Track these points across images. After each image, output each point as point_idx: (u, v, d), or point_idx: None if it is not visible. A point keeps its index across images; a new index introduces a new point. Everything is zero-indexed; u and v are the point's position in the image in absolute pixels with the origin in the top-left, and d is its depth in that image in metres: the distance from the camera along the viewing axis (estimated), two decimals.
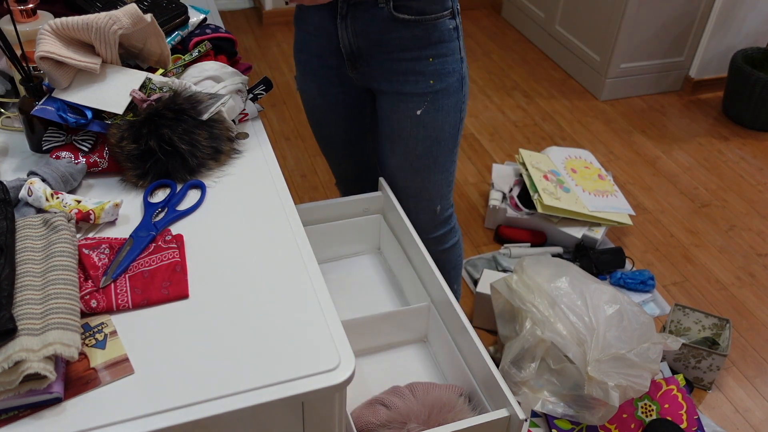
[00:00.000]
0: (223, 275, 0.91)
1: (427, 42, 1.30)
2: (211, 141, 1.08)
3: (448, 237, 1.62)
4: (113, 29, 1.05)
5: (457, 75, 1.36)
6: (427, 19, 1.28)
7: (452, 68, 1.35)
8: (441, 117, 1.39)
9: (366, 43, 1.32)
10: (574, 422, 1.63)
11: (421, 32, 1.29)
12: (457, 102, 1.40)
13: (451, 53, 1.34)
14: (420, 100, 1.36)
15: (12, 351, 0.72)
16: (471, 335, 1.25)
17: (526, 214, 2.28)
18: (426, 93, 1.35)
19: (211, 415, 0.75)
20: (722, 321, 1.96)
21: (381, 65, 1.35)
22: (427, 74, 1.33)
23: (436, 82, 1.34)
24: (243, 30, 3.62)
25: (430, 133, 1.41)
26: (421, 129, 1.40)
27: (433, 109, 1.37)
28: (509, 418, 1.14)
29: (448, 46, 1.33)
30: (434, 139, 1.42)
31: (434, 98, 1.36)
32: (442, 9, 1.29)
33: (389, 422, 1.22)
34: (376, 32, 1.30)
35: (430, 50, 1.31)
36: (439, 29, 1.30)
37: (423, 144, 1.42)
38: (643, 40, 3.07)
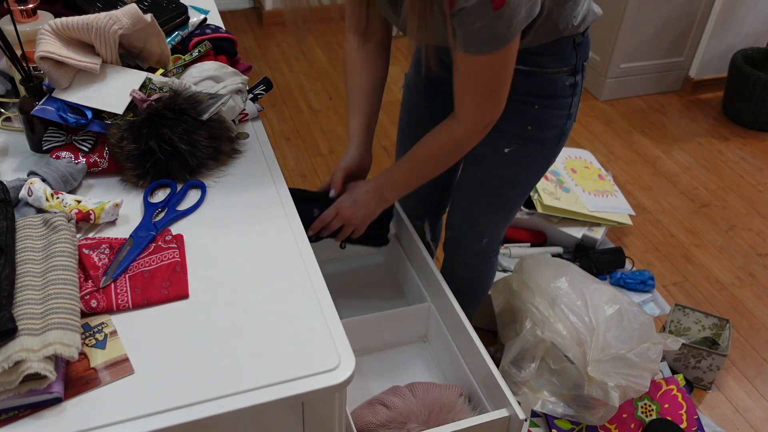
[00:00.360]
0: (223, 275, 0.91)
1: (540, 92, 1.26)
2: (211, 141, 1.08)
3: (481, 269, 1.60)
4: (113, 29, 1.05)
5: (559, 130, 1.31)
6: (543, 72, 1.24)
7: (556, 122, 1.30)
8: (526, 163, 1.35)
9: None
10: (574, 422, 1.63)
11: (536, 83, 1.25)
12: (549, 155, 1.36)
13: (559, 108, 1.28)
14: (512, 140, 1.31)
15: (12, 351, 0.72)
16: (471, 335, 1.26)
17: (526, 214, 2.28)
18: (520, 136, 1.30)
19: (211, 415, 0.75)
20: (722, 321, 1.96)
21: None
22: (528, 119, 1.28)
23: (533, 129, 1.29)
24: (243, 30, 3.62)
25: (510, 175, 1.37)
26: (502, 167, 1.36)
27: (522, 153, 1.33)
28: (509, 418, 1.14)
29: (559, 101, 1.28)
30: (511, 182, 1.39)
31: (527, 144, 1.31)
32: (562, 65, 1.24)
33: (389, 422, 1.22)
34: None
35: (540, 99, 1.26)
36: (554, 84, 1.25)
37: (499, 181, 1.39)
38: (643, 40, 3.07)
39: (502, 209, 1.45)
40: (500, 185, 1.39)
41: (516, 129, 1.30)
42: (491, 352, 1.91)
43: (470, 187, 1.44)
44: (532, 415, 1.67)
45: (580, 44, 1.25)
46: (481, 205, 1.44)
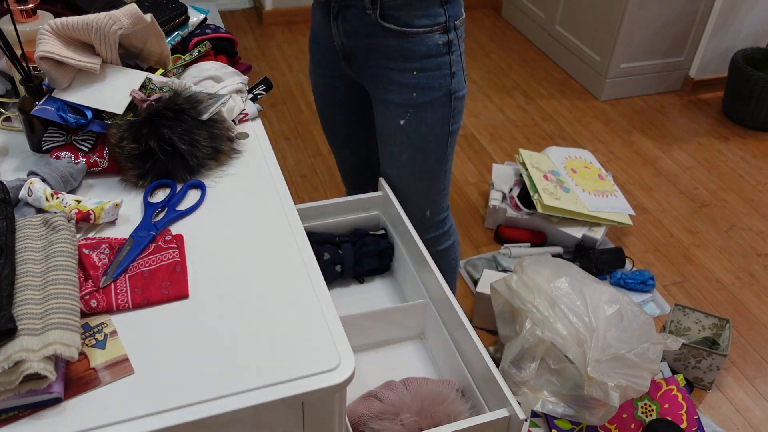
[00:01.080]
0: (223, 275, 0.91)
1: (412, 55, 1.29)
2: (211, 141, 1.08)
3: (440, 240, 1.62)
4: (113, 29, 1.05)
5: (444, 90, 1.34)
6: (413, 32, 1.27)
7: (438, 83, 1.33)
8: (424, 129, 1.38)
9: (355, 44, 1.33)
10: (574, 422, 1.63)
11: (407, 44, 1.28)
12: (444, 116, 1.37)
13: (437, 68, 1.31)
14: (402, 111, 1.35)
15: (12, 351, 0.72)
16: (469, 332, 1.26)
17: (526, 214, 2.28)
18: (408, 105, 1.34)
19: (211, 415, 0.75)
20: (722, 321, 1.96)
21: (370, 69, 1.36)
22: (409, 86, 1.32)
23: (419, 95, 1.33)
24: (243, 30, 3.62)
25: (414, 144, 1.40)
26: (404, 138, 1.40)
27: (416, 120, 1.36)
28: (509, 418, 1.14)
29: (435, 60, 1.30)
30: (418, 150, 1.41)
31: (417, 110, 1.35)
32: (432, 24, 1.27)
33: (382, 414, 1.22)
34: (364, 36, 1.31)
35: (415, 63, 1.30)
36: (425, 44, 1.28)
37: (407, 153, 1.42)
38: (643, 40, 3.07)
39: (425, 178, 1.47)
40: (410, 157, 1.42)
41: (402, 98, 1.34)
42: (491, 352, 1.91)
43: (387, 166, 1.49)
44: (532, 415, 1.67)
45: (448, 2, 1.28)
46: (403, 180, 1.48)
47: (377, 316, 1.39)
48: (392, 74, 1.33)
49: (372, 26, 1.28)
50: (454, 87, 1.35)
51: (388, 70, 1.33)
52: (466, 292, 2.17)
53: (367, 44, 1.31)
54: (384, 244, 1.54)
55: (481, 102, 3.18)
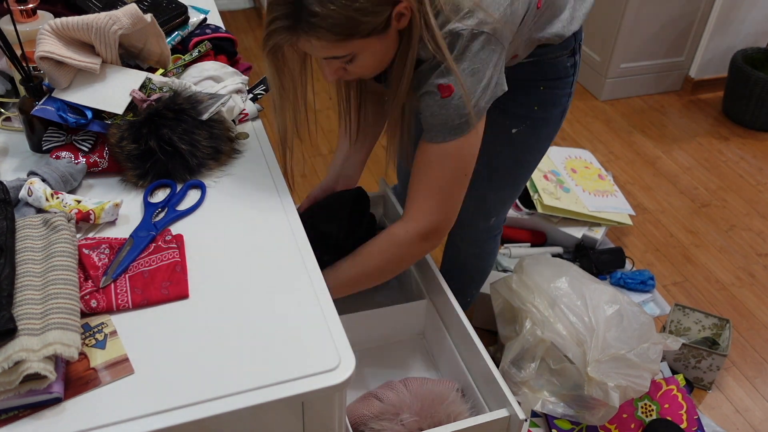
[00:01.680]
0: (223, 275, 0.91)
1: (543, 75, 1.31)
2: (211, 141, 1.08)
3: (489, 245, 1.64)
4: (113, 29, 1.05)
5: (562, 108, 1.37)
6: (546, 59, 1.29)
7: (559, 101, 1.36)
8: (532, 142, 1.40)
9: None
10: (574, 422, 1.63)
11: (540, 69, 1.30)
12: (552, 132, 1.41)
13: (562, 87, 1.34)
14: (520, 120, 1.36)
15: (12, 351, 0.72)
16: (469, 332, 1.26)
17: (526, 214, 2.28)
18: (527, 116, 1.35)
19: (211, 415, 0.75)
20: (722, 321, 1.96)
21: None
22: (534, 99, 1.34)
23: (540, 109, 1.35)
24: (243, 30, 3.62)
25: (517, 154, 1.42)
26: (509, 147, 1.40)
27: (529, 133, 1.38)
28: (509, 418, 1.14)
29: (562, 80, 1.33)
30: (518, 161, 1.43)
31: (533, 124, 1.36)
32: (562, 50, 1.29)
33: (382, 414, 1.22)
34: None
35: (544, 80, 1.32)
36: (556, 67, 1.31)
37: (506, 161, 1.43)
38: (643, 40, 3.07)
39: (510, 187, 1.50)
40: (507, 165, 1.43)
41: (523, 110, 1.34)
42: (491, 352, 1.91)
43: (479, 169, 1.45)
44: (532, 415, 1.67)
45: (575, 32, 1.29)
46: (491, 186, 1.48)
47: (377, 315, 1.39)
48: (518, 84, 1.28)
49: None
50: (567, 104, 1.39)
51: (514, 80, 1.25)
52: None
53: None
54: None
55: None
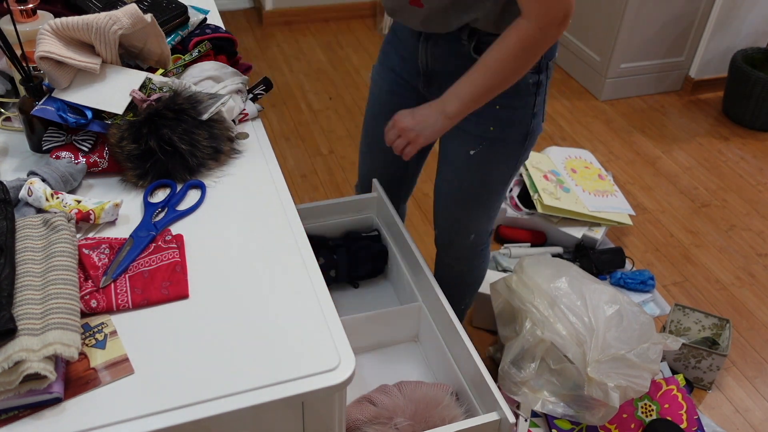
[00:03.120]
0: (223, 275, 0.91)
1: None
2: (211, 141, 1.08)
3: (477, 260, 1.61)
4: (113, 29, 1.05)
5: (523, 128, 1.31)
6: None
7: (519, 120, 1.30)
8: (494, 164, 1.36)
9: (441, 69, 1.29)
10: (574, 422, 1.63)
11: None
12: (515, 153, 1.35)
13: (522, 107, 1.28)
14: (476, 141, 1.32)
15: (12, 351, 0.72)
16: (461, 336, 1.26)
17: (526, 214, 2.28)
18: (483, 137, 1.31)
19: (211, 415, 0.75)
20: (722, 321, 1.96)
21: None
22: (488, 119, 1.29)
23: (495, 129, 1.29)
24: (243, 30, 3.62)
25: (479, 175, 1.38)
26: (471, 169, 1.37)
27: (487, 154, 1.33)
28: (500, 422, 1.14)
29: (520, 98, 1.27)
30: (482, 181, 1.39)
31: (490, 144, 1.32)
32: None
33: (376, 418, 1.22)
34: (453, 64, 1.26)
35: (501, 98, 1.24)
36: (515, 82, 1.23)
37: (470, 182, 1.40)
38: (643, 40, 3.07)
39: (481, 208, 1.46)
40: (472, 187, 1.40)
41: (478, 130, 1.30)
42: (491, 352, 1.91)
43: (445, 190, 1.46)
44: (532, 415, 1.67)
45: None
46: (459, 206, 1.45)
47: (371, 319, 1.39)
48: None
49: (463, 56, 1.23)
50: (533, 127, 1.32)
51: None
52: None
53: (454, 72, 1.24)
54: (378, 247, 1.54)
55: None
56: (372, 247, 1.54)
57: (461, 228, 1.50)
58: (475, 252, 1.58)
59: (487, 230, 1.55)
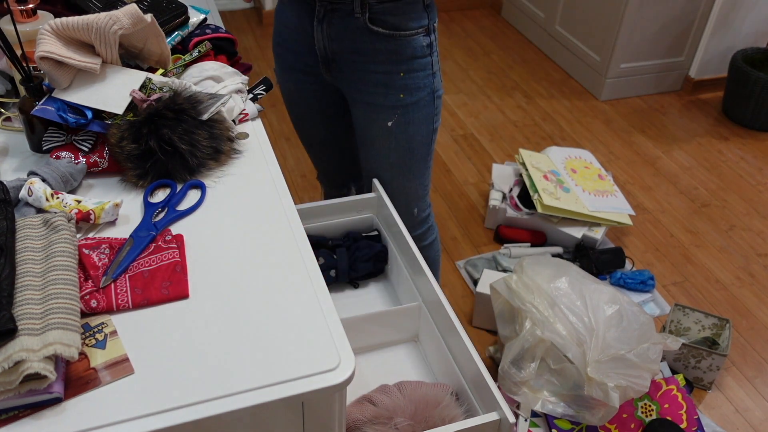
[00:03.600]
0: (223, 275, 0.91)
1: (400, 57, 1.32)
2: (211, 141, 1.08)
3: (425, 235, 1.66)
4: (113, 29, 1.05)
5: (428, 89, 1.38)
6: (401, 35, 1.30)
7: (423, 83, 1.37)
8: (412, 129, 1.41)
9: (340, 48, 1.34)
10: (574, 422, 1.63)
11: (394, 47, 1.31)
12: (429, 114, 1.41)
13: (422, 69, 1.35)
14: (391, 112, 1.38)
15: (12, 351, 0.72)
16: (461, 336, 1.25)
17: (526, 214, 2.28)
18: (396, 106, 1.37)
19: (211, 415, 0.75)
20: (722, 321, 1.96)
21: (353, 74, 1.37)
22: (397, 88, 1.35)
23: (406, 96, 1.36)
24: (243, 30, 3.62)
25: (402, 144, 1.43)
26: (393, 140, 1.42)
27: (404, 121, 1.39)
28: (500, 422, 1.14)
29: (420, 62, 1.34)
30: (406, 149, 1.44)
31: (405, 111, 1.38)
32: (417, 26, 1.30)
33: (376, 418, 1.22)
34: (350, 40, 1.31)
35: (402, 65, 1.33)
36: (412, 46, 1.31)
37: (395, 153, 1.45)
38: (643, 40, 3.07)
39: (412, 176, 1.50)
40: (398, 157, 1.45)
41: (390, 100, 1.36)
42: (491, 352, 1.91)
43: (374, 167, 1.51)
44: (532, 415, 1.67)
45: (429, 5, 1.31)
46: (393, 180, 1.50)
47: (371, 319, 1.39)
48: (378, 77, 1.34)
49: (359, 30, 1.29)
50: (436, 86, 1.39)
51: (374, 73, 1.34)
52: (466, 292, 2.17)
53: (353, 48, 1.32)
54: (378, 247, 1.54)
55: (480, 102, 3.18)
56: (372, 247, 1.54)
57: (400, 203, 1.54)
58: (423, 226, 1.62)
59: (426, 200, 1.59)
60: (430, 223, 1.66)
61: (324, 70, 1.40)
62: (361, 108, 1.42)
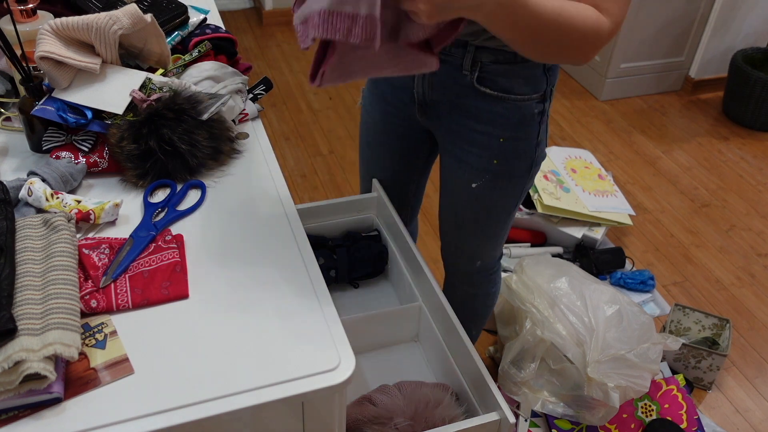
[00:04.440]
0: (223, 275, 0.91)
1: (505, 121, 1.18)
2: (211, 141, 1.08)
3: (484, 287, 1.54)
4: (113, 29, 1.05)
5: (528, 160, 1.24)
6: (510, 98, 1.16)
7: (523, 153, 1.23)
8: (496, 195, 1.29)
9: (440, 99, 1.23)
10: (574, 422, 1.63)
11: (501, 110, 1.17)
12: (519, 184, 1.28)
13: (526, 137, 1.21)
14: (479, 175, 1.26)
15: (12, 351, 0.72)
16: (461, 336, 1.26)
17: (526, 214, 2.28)
18: (486, 170, 1.24)
19: (211, 415, 0.75)
20: (722, 321, 1.96)
21: (451, 125, 1.25)
22: (493, 153, 1.22)
23: (500, 162, 1.23)
24: (243, 30, 3.62)
25: (482, 208, 1.32)
26: (473, 200, 1.31)
27: (490, 186, 1.27)
28: (500, 422, 1.14)
29: (526, 129, 1.20)
30: (486, 214, 1.33)
31: (494, 177, 1.25)
32: (532, 92, 1.16)
33: (376, 418, 1.22)
34: (454, 94, 1.20)
35: (505, 131, 1.19)
36: (521, 111, 1.17)
37: (472, 212, 1.34)
38: (643, 40, 3.07)
39: (485, 237, 1.40)
40: (476, 218, 1.35)
41: (481, 163, 1.24)
42: (491, 352, 1.91)
43: (449, 219, 1.41)
44: (532, 415, 1.67)
45: (551, 68, 1.17)
46: (462, 236, 1.40)
47: (371, 319, 1.39)
48: (475, 136, 1.21)
49: (465, 87, 1.17)
50: (537, 156, 1.25)
51: (472, 131, 1.22)
52: None
53: (455, 102, 1.20)
54: (378, 248, 1.53)
55: None
56: (372, 247, 1.54)
57: (465, 254, 1.45)
58: (482, 277, 1.50)
59: (494, 256, 1.47)
60: (492, 276, 1.52)
61: (419, 113, 1.29)
62: (450, 158, 1.30)
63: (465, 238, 1.41)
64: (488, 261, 1.46)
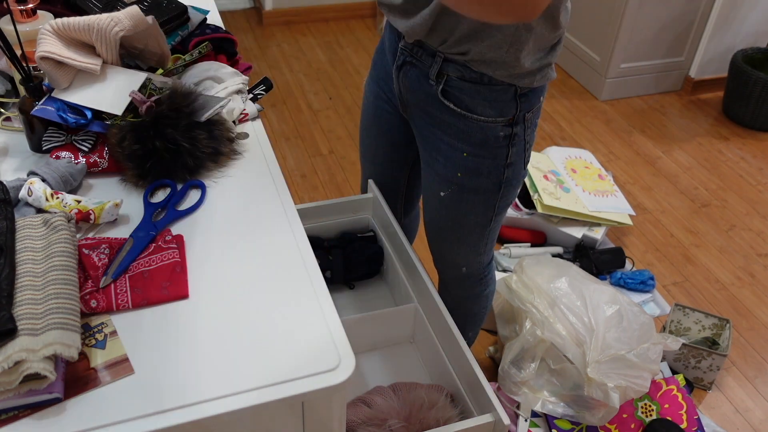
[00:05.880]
0: (223, 275, 0.91)
1: (467, 138, 1.17)
2: (211, 142, 1.08)
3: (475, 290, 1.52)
4: (114, 31, 1.05)
5: (494, 179, 1.21)
6: (473, 118, 1.14)
7: (487, 171, 1.20)
8: (465, 208, 1.28)
9: (412, 101, 1.24)
10: (574, 422, 1.63)
11: (464, 126, 1.16)
12: (488, 201, 1.26)
13: (491, 157, 1.18)
14: (446, 185, 1.25)
15: (12, 351, 0.72)
16: (456, 337, 1.25)
17: (526, 214, 2.28)
18: (452, 181, 1.24)
19: (211, 415, 0.75)
20: (722, 321, 1.96)
21: (421, 130, 1.26)
22: (457, 165, 1.21)
23: (464, 176, 1.22)
24: (243, 30, 3.62)
25: (452, 217, 1.31)
26: (443, 208, 1.30)
27: (458, 199, 1.26)
28: (494, 423, 1.14)
29: (490, 149, 1.18)
30: (457, 222, 1.32)
31: (460, 190, 1.24)
32: (497, 115, 1.14)
33: (370, 420, 1.22)
34: (423, 100, 1.20)
35: (468, 147, 1.17)
36: (484, 132, 1.15)
37: (445, 221, 1.33)
38: (643, 40, 3.07)
39: (463, 245, 1.37)
40: (449, 226, 1.33)
41: (446, 172, 1.24)
42: (491, 352, 1.91)
43: (426, 224, 1.41)
44: (532, 415, 1.67)
45: (524, 95, 1.13)
46: (439, 241, 1.40)
47: (367, 320, 1.39)
48: (441, 145, 1.21)
49: (431, 96, 1.17)
50: (507, 177, 1.22)
51: (438, 140, 1.21)
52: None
53: (424, 108, 1.20)
54: (373, 248, 1.53)
55: None
56: (368, 248, 1.54)
57: (447, 261, 1.44)
58: (472, 282, 1.49)
59: (481, 262, 1.44)
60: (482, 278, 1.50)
61: (401, 108, 1.30)
62: (423, 162, 1.31)
63: (441, 245, 1.40)
64: (475, 267, 1.44)
